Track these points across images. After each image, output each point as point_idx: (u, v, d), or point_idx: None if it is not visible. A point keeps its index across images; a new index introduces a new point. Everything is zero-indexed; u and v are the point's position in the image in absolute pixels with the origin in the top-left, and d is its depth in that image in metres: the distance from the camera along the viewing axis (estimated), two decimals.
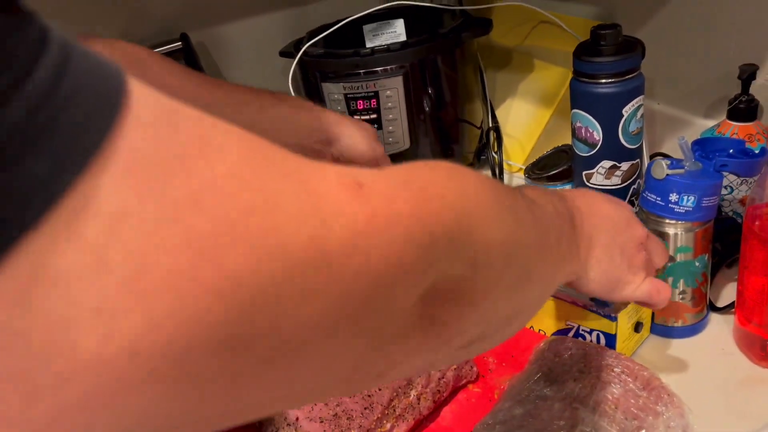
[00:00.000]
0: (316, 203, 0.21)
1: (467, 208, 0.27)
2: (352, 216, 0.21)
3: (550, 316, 0.61)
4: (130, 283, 0.16)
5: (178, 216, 0.17)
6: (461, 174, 0.29)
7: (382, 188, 0.23)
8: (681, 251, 0.57)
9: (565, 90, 0.91)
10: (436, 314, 0.27)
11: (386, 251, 0.22)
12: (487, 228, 0.29)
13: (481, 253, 0.28)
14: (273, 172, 0.20)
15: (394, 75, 0.85)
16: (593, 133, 0.67)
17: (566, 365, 0.51)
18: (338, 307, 0.21)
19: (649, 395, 0.48)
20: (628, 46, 0.65)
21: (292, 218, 0.19)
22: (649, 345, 0.61)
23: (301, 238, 0.19)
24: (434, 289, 0.25)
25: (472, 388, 0.58)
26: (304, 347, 0.21)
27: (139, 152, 0.17)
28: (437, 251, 0.25)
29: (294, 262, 0.19)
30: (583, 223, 0.42)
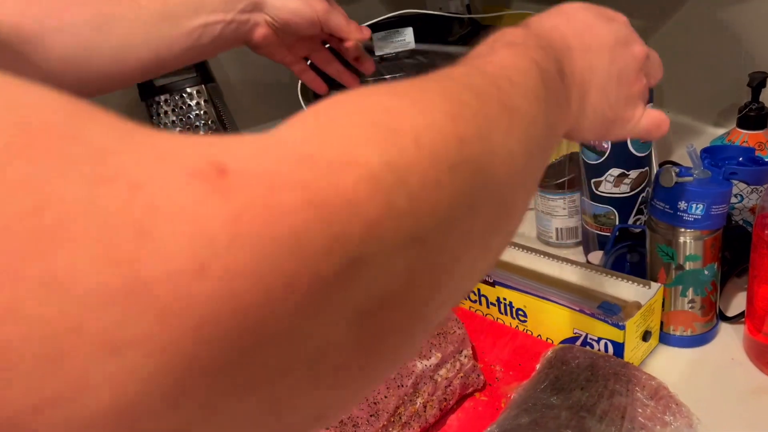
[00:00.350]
0: (142, 218, 0.14)
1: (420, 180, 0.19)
2: (200, 224, 0.14)
3: (558, 325, 0.61)
4: None
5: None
6: (402, 108, 0.21)
7: (265, 167, 0.16)
8: (690, 260, 0.57)
9: None
10: (382, 327, 0.19)
11: (260, 276, 0.15)
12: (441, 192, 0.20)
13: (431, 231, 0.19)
14: (71, 174, 0.14)
15: None
16: (601, 140, 0.66)
17: (573, 374, 0.51)
18: (177, 370, 0.14)
19: (657, 405, 0.48)
20: None
21: (91, 259, 0.13)
22: (657, 354, 0.61)
23: (104, 278, 0.13)
24: (371, 302, 0.18)
25: (478, 396, 0.58)
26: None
27: None
28: (365, 259, 0.17)
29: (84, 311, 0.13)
30: (574, 68, 0.35)
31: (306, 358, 0.16)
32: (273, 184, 0.16)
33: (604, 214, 0.70)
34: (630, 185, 0.68)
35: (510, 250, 0.72)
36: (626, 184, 0.68)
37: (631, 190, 0.69)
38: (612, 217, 0.70)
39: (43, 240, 0.13)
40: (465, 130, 0.22)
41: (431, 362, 0.54)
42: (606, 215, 0.70)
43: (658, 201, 0.57)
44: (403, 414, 0.51)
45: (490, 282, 0.66)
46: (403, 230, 0.18)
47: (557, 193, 0.76)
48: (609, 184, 0.68)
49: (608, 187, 0.69)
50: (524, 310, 0.64)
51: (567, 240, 0.78)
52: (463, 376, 0.56)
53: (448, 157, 0.20)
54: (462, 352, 0.57)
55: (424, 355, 0.54)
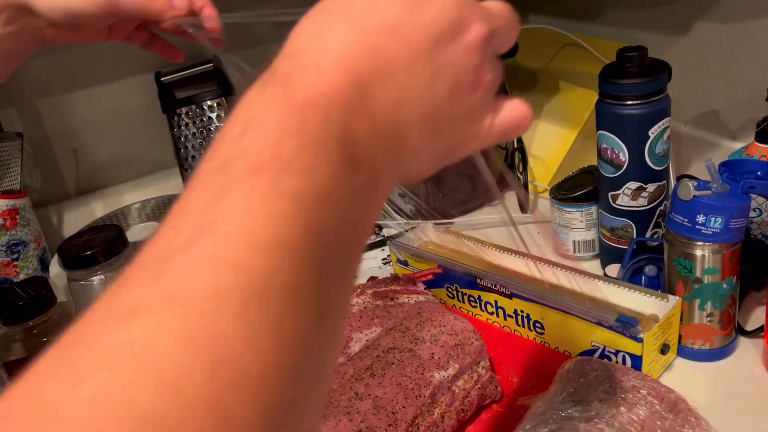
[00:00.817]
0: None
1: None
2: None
3: (576, 337, 0.61)
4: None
5: None
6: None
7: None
8: (708, 273, 0.57)
9: (591, 111, 0.91)
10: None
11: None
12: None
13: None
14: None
15: None
16: (619, 154, 0.67)
17: (591, 386, 0.51)
18: None
19: (676, 418, 0.48)
20: (654, 67, 0.65)
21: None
22: (675, 368, 0.61)
23: None
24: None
25: (495, 407, 0.58)
26: None
27: None
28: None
29: None
30: (375, 117, 0.24)
31: None
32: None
33: (621, 227, 0.71)
34: (647, 198, 0.68)
35: (526, 262, 0.72)
36: (644, 197, 0.68)
37: (648, 204, 0.69)
38: (629, 230, 0.70)
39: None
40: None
41: (449, 373, 0.55)
42: (623, 228, 0.71)
43: (677, 214, 0.57)
44: (420, 424, 0.52)
45: (507, 294, 0.66)
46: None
47: (574, 206, 0.76)
48: (626, 198, 0.69)
49: (625, 201, 0.69)
50: (542, 322, 0.64)
51: (584, 253, 0.78)
52: (481, 387, 0.56)
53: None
54: (479, 364, 0.57)
55: (441, 366, 0.55)
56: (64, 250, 0.61)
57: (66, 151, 1.04)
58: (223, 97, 1.04)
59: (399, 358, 0.55)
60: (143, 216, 0.89)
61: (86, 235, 0.64)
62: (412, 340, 0.58)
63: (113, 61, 1.02)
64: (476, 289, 0.69)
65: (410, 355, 0.55)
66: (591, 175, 0.77)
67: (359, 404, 0.51)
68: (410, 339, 0.58)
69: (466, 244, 0.78)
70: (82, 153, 1.05)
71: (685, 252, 0.57)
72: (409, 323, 0.61)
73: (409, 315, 0.63)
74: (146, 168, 1.09)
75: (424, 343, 0.57)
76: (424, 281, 0.74)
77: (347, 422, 0.50)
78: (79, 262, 0.60)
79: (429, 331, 0.58)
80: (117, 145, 1.07)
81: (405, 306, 0.67)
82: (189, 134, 1.04)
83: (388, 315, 0.65)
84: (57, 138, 1.03)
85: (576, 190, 0.76)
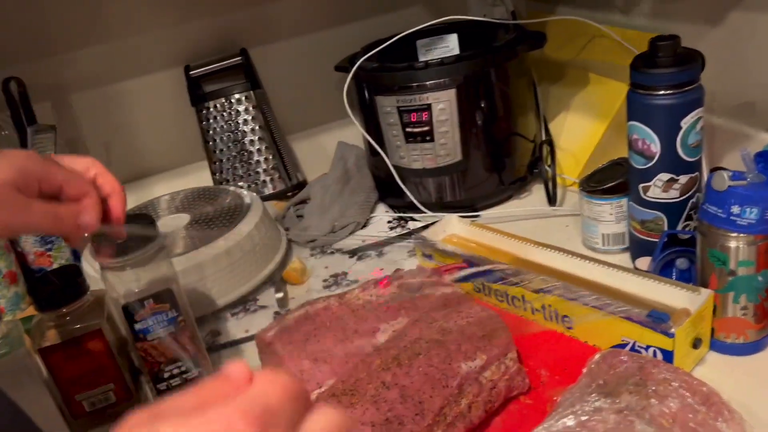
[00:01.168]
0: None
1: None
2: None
3: (604, 332, 0.60)
4: None
5: None
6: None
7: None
8: (743, 265, 0.56)
9: (621, 104, 0.90)
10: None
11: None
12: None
13: None
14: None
15: (447, 88, 0.86)
16: (650, 145, 0.66)
17: (621, 378, 0.50)
18: None
19: (709, 411, 0.47)
20: (687, 57, 0.64)
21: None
22: (708, 362, 0.60)
23: None
24: None
25: (523, 399, 0.58)
26: None
27: None
28: None
29: None
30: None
31: None
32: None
33: (652, 219, 0.70)
34: (679, 190, 0.67)
35: (555, 255, 0.71)
36: (675, 189, 0.67)
37: (680, 196, 0.67)
38: (660, 223, 0.69)
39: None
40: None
41: (476, 364, 0.54)
42: (654, 221, 0.69)
43: (711, 205, 0.56)
44: (448, 414, 0.52)
45: (535, 289, 0.65)
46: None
47: (604, 199, 0.75)
48: (658, 189, 0.68)
49: (657, 192, 0.68)
50: (570, 317, 0.63)
51: (613, 246, 0.77)
52: (509, 378, 0.56)
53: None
54: (507, 355, 0.57)
55: (469, 357, 0.54)
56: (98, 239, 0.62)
57: (98, 143, 1.06)
58: (251, 90, 1.04)
59: (426, 348, 0.55)
60: (172, 208, 0.90)
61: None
62: (439, 330, 0.57)
63: (143, 55, 1.04)
64: (502, 283, 0.68)
65: (437, 346, 0.55)
66: (621, 167, 0.76)
67: (386, 393, 0.51)
68: (437, 330, 0.58)
69: (492, 236, 0.78)
70: (113, 146, 1.07)
71: (719, 244, 0.56)
72: (436, 314, 0.60)
73: (435, 306, 0.62)
74: (175, 161, 1.10)
75: (451, 333, 0.57)
76: (450, 275, 0.73)
77: (374, 411, 0.50)
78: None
79: (456, 322, 0.58)
80: (147, 138, 1.08)
81: (431, 298, 0.67)
82: (217, 127, 1.05)
83: (414, 306, 0.65)
84: (89, 131, 1.04)
85: (606, 183, 0.75)
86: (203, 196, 0.91)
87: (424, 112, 0.87)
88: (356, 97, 0.96)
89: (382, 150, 0.94)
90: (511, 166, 0.94)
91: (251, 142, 1.05)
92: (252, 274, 0.83)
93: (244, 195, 0.89)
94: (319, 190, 1.02)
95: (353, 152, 1.07)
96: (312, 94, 1.15)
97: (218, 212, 0.86)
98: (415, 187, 0.94)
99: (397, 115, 0.89)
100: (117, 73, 1.03)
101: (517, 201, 0.95)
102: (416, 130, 0.89)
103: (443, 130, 0.88)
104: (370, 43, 0.98)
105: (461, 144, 0.89)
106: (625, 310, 0.58)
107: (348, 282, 0.83)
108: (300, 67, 1.13)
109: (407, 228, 0.93)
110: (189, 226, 0.84)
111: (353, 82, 0.94)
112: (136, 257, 0.62)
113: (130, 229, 0.55)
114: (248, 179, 1.05)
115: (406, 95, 0.87)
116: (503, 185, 0.94)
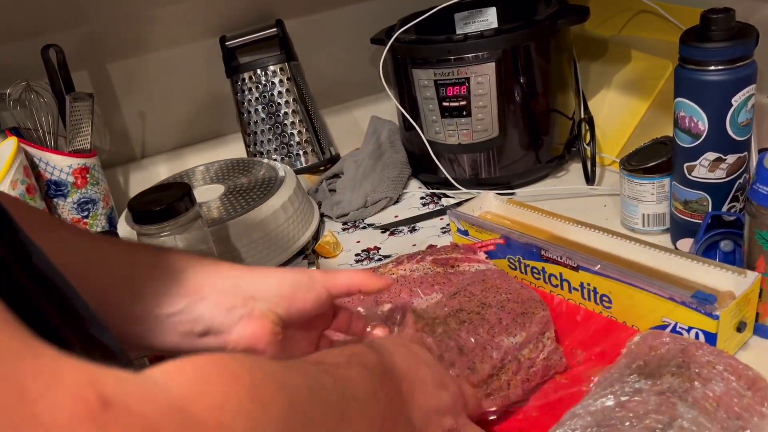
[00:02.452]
0: (20, 425, 0.16)
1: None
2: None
3: (645, 312, 0.59)
4: None
5: None
6: (235, 381, 0.26)
7: (143, 410, 0.19)
8: None
9: (665, 81, 0.87)
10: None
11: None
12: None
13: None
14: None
15: (486, 62, 0.84)
16: (698, 123, 0.64)
17: (663, 359, 0.49)
18: None
19: (754, 396, 0.46)
20: (740, 31, 0.61)
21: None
22: (751, 346, 0.58)
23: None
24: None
25: (559, 378, 0.57)
26: None
27: None
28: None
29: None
30: (413, 407, 0.41)
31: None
32: (146, 427, 0.19)
33: (696, 200, 0.68)
34: (726, 170, 0.65)
35: (593, 234, 0.70)
36: (722, 169, 0.65)
37: (727, 176, 0.65)
38: (705, 204, 0.67)
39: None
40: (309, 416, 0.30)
41: (516, 340, 0.54)
42: (698, 201, 0.67)
43: (762, 185, 0.54)
44: (490, 384, 0.51)
45: (573, 267, 0.64)
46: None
47: (645, 178, 0.73)
48: (703, 169, 0.66)
49: (702, 172, 0.66)
50: (609, 296, 0.62)
51: (654, 227, 0.75)
52: (546, 357, 0.55)
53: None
54: (545, 334, 0.56)
55: (510, 332, 0.54)
56: (135, 206, 0.63)
57: (133, 113, 1.06)
58: (286, 62, 1.04)
59: (469, 318, 0.55)
60: (207, 179, 0.90)
61: (156, 192, 0.65)
62: (479, 304, 0.57)
63: (180, 25, 1.03)
64: (540, 260, 0.67)
65: (479, 318, 0.55)
66: (664, 146, 0.74)
67: (446, 340, 0.52)
68: (477, 303, 0.57)
69: (528, 214, 0.77)
70: (149, 116, 1.07)
71: None
72: (474, 289, 0.60)
73: (473, 281, 0.62)
74: (210, 132, 1.11)
75: (491, 308, 0.56)
76: (485, 251, 0.73)
77: (433, 344, 0.51)
78: (149, 217, 0.61)
79: (495, 298, 0.58)
80: (182, 109, 1.09)
81: (466, 274, 0.66)
82: (252, 99, 1.04)
83: (448, 282, 0.64)
84: (125, 100, 1.05)
85: (648, 162, 0.73)
86: (237, 168, 0.91)
87: (462, 86, 0.86)
88: (392, 71, 0.94)
89: (416, 124, 0.93)
90: (548, 144, 0.92)
91: (285, 115, 1.04)
92: (285, 246, 0.83)
93: (278, 167, 0.89)
94: (351, 164, 1.02)
95: (386, 127, 1.06)
96: (347, 67, 1.14)
97: (252, 184, 0.86)
98: (449, 163, 0.93)
99: (434, 89, 0.87)
100: (154, 42, 1.03)
101: (553, 180, 0.94)
102: (453, 104, 0.87)
103: (480, 105, 0.87)
104: (408, 16, 0.96)
105: (498, 120, 0.87)
106: (667, 291, 0.57)
107: (380, 257, 0.83)
108: (335, 39, 1.12)
109: (440, 204, 0.92)
110: (224, 196, 0.84)
111: (389, 55, 0.92)
112: (173, 225, 0.62)
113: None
114: (281, 152, 1.05)
115: (443, 68, 0.86)
116: (540, 163, 0.92)
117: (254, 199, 0.82)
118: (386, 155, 1.00)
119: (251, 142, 1.06)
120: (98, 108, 1.01)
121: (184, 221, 0.62)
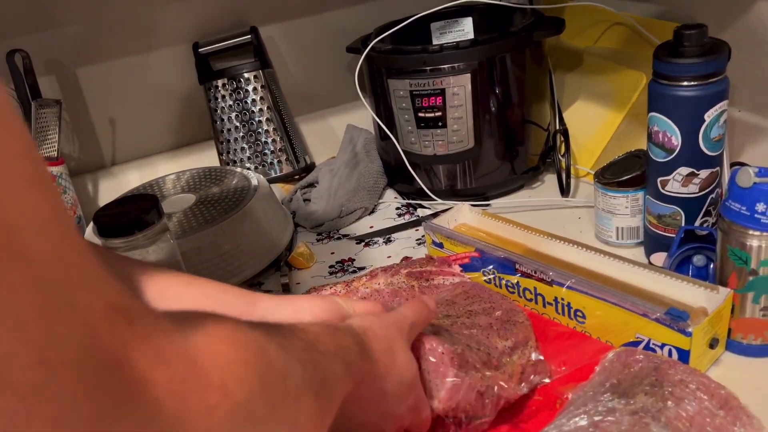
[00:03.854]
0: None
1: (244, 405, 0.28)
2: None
3: (618, 328, 0.59)
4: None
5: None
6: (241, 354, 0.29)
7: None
8: (765, 265, 0.54)
9: (639, 94, 0.88)
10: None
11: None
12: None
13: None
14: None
15: (462, 73, 0.84)
16: (671, 138, 0.64)
17: (636, 378, 0.49)
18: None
19: (727, 415, 0.45)
20: (713, 47, 0.62)
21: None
22: (723, 362, 0.58)
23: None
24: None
25: (532, 394, 0.56)
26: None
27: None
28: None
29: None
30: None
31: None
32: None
33: (669, 214, 0.68)
34: (699, 185, 0.65)
35: (567, 248, 0.70)
36: (695, 184, 0.65)
37: (700, 191, 0.66)
38: (678, 218, 0.67)
39: None
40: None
41: (508, 344, 0.54)
42: (671, 216, 0.68)
43: (733, 202, 0.54)
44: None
45: (547, 281, 0.64)
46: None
47: (620, 191, 0.73)
48: (677, 184, 0.66)
49: (676, 187, 0.66)
50: (583, 311, 0.62)
51: (627, 240, 0.75)
52: (534, 363, 0.55)
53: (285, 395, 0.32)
54: (528, 343, 0.56)
55: (502, 336, 0.54)
56: (100, 218, 0.61)
57: (103, 120, 1.04)
58: (260, 70, 1.02)
59: (462, 321, 0.54)
60: (178, 187, 0.88)
61: (122, 204, 0.64)
62: (466, 312, 0.56)
63: (152, 30, 1.02)
64: (514, 274, 0.67)
65: (470, 322, 0.54)
66: (638, 159, 0.74)
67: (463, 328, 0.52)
68: (463, 311, 0.56)
69: (503, 227, 0.76)
70: (119, 123, 1.05)
71: (740, 242, 0.54)
72: (457, 298, 0.59)
73: (454, 292, 0.61)
74: (182, 139, 1.09)
75: (477, 315, 0.56)
76: (460, 264, 0.72)
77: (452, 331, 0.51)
78: (115, 231, 0.60)
79: (480, 305, 0.57)
80: (153, 116, 1.06)
81: (441, 288, 0.65)
82: (225, 106, 1.03)
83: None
84: (95, 107, 1.03)
85: (622, 175, 0.73)
86: (209, 177, 0.90)
87: (438, 97, 0.85)
88: (368, 80, 0.94)
89: (392, 135, 0.92)
90: (523, 155, 0.92)
91: (259, 123, 1.03)
92: (257, 257, 0.81)
93: (251, 177, 0.88)
94: (327, 173, 1.01)
95: (362, 136, 1.05)
96: (322, 76, 1.13)
97: (224, 193, 0.84)
98: (425, 174, 0.92)
99: (410, 100, 0.87)
100: (124, 47, 1.01)
101: (528, 191, 0.94)
102: (428, 115, 0.87)
103: (456, 116, 0.86)
104: (384, 25, 0.96)
105: (474, 131, 0.87)
106: (641, 307, 0.57)
107: (354, 269, 0.82)
108: (311, 47, 1.11)
109: (416, 215, 0.91)
110: (194, 206, 0.82)
111: (365, 64, 0.92)
112: (140, 238, 0.60)
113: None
114: (255, 160, 1.04)
115: (419, 79, 0.85)
116: (515, 174, 0.92)
117: (226, 210, 0.80)
118: (362, 165, 0.99)
119: (224, 150, 1.04)
120: (67, 114, 0.99)
121: (151, 234, 0.60)
